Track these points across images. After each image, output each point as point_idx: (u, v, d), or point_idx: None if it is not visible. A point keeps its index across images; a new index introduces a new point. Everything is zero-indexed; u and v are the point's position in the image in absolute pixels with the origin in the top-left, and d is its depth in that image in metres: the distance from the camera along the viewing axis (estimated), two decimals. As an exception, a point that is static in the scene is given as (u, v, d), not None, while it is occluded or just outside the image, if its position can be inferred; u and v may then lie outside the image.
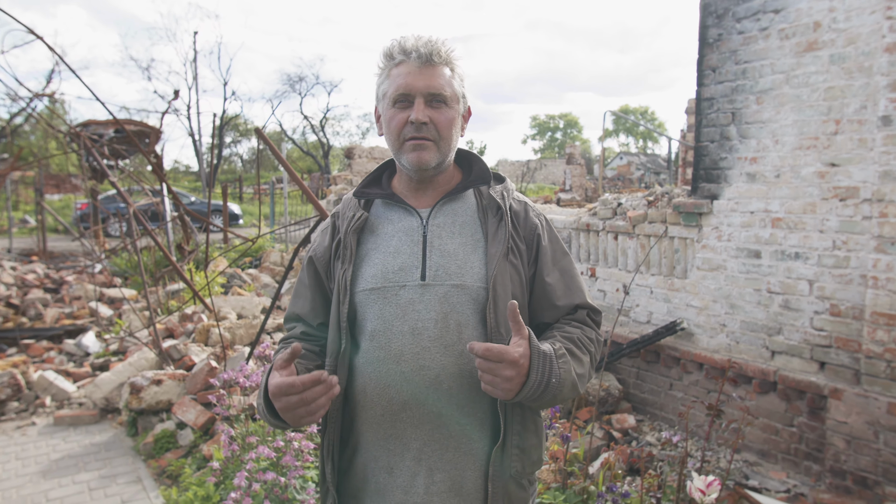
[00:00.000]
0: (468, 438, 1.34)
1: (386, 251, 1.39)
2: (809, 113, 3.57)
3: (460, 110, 1.41)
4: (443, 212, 1.42)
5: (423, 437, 1.33)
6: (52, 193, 27.13)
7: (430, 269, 1.35)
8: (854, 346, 3.41)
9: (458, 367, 1.32)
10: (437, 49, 1.35)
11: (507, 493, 1.34)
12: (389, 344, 1.33)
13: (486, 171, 1.47)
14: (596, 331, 1.46)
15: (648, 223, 4.56)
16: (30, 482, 3.68)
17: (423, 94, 1.34)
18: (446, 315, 1.32)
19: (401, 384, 1.32)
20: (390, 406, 1.33)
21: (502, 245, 1.36)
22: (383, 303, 1.35)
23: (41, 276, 9.66)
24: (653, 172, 34.51)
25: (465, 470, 1.34)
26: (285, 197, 14.19)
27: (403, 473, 1.34)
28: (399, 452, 1.34)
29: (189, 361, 4.80)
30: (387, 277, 1.36)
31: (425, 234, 1.38)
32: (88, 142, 5.97)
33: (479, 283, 1.35)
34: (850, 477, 3.33)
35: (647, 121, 65.26)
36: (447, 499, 1.33)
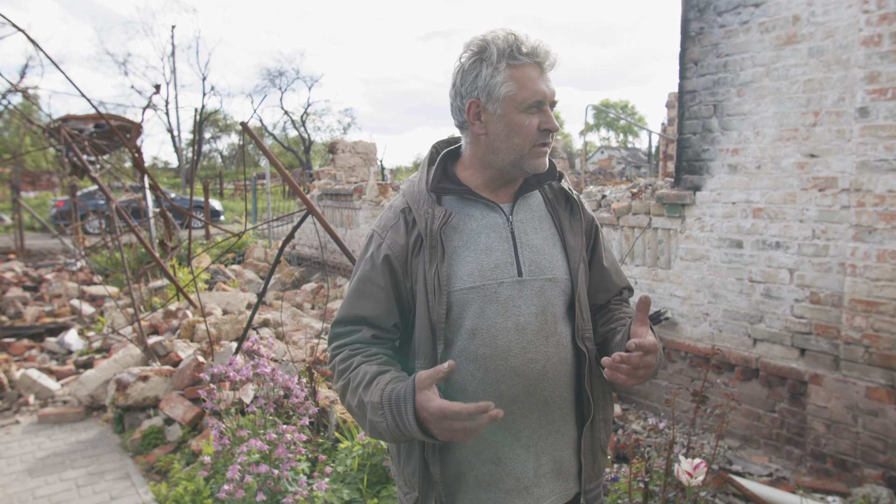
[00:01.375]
0: (565, 420, 1.44)
1: (477, 248, 1.38)
2: (789, 105, 3.64)
3: None
4: (522, 208, 1.46)
5: (532, 425, 1.40)
6: (28, 190, 26.63)
7: (525, 265, 1.40)
8: (833, 333, 3.50)
9: (558, 357, 1.41)
10: (555, 55, 1.38)
11: (595, 462, 1.48)
12: (495, 341, 1.35)
13: (555, 167, 1.51)
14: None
15: (632, 215, 4.62)
16: (16, 480, 3.64)
17: (551, 102, 1.37)
18: (544, 308, 1.40)
19: (511, 378, 1.36)
20: (500, 400, 1.35)
21: (580, 237, 1.47)
22: (483, 301, 1.36)
23: (19, 274, 9.51)
24: (633, 166, 34.80)
25: (564, 450, 1.45)
26: (268, 193, 14.09)
27: (513, 462, 1.39)
28: (508, 444, 1.39)
29: (175, 357, 4.77)
30: (484, 275, 1.37)
31: (512, 230, 1.42)
32: (68, 137, 5.88)
33: (565, 275, 1.44)
34: (831, 460, 3.42)
35: (628, 115, 65.74)
36: (552, 479, 1.43)
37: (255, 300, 6.67)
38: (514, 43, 1.32)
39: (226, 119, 41.25)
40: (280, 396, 3.20)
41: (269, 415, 3.09)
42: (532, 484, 1.40)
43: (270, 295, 7.85)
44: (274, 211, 14.82)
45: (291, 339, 5.41)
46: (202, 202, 15.47)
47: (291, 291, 8.46)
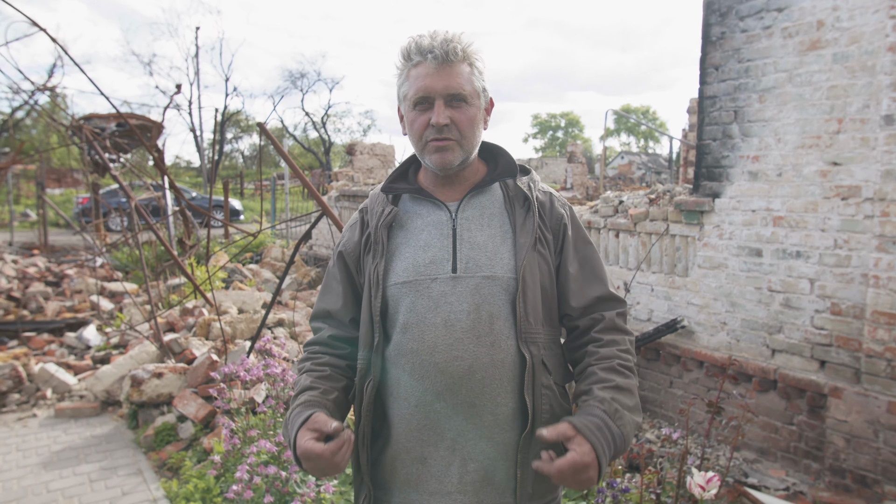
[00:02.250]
0: (500, 428, 1.36)
1: (416, 245, 1.41)
2: (812, 112, 3.57)
3: (482, 105, 1.42)
4: (471, 205, 1.44)
5: (457, 427, 1.35)
6: (53, 188, 27.14)
7: (461, 261, 1.37)
8: (854, 345, 3.42)
9: (490, 358, 1.34)
10: (453, 47, 1.35)
11: (535, 481, 1.36)
12: (423, 336, 1.35)
13: (513, 163, 1.48)
14: (625, 333, 1.44)
15: (650, 221, 4.56)
16: (31, 473, 3.69)
17: (443, 96, 1.35)
18: (478, 306, 1.35)
19: (436, 375, 1.34)
20: (424, 397, 1.35)
21: (531, 235, 1.39)
22: (415, 295, 1.37)
23: (42, 269, 9.67)
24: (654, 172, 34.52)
25: (497, 460, 1.36)
26: (286, 193, 14.19)
27: (437, 463, 1.36)
28: (433, 443, 1.36)
29: (190, 355, 4.81)
30: (418, 270, 1.38)
31: (455, 227, 1.41)
32: (90, 135, 5.97)
33: (508, 273, 1.37)
34: (850, 475, 3.33)
35: (649, 120, 65.23)
36: (480, 489, 1.36)
37: (270, 300, 6.71)
38: (413, 45, 1.37)
39: (247, 120, 41.67)
40: (290, 397, 3.20)
41: (280, 415, 3.09)
42: (456, 490, 1.35)
43: (286, 295, 7.89)
44: (292, 211, 14.93)
45: (305, 339, 5.42)
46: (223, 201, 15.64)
47: (307, 291, 8.50)
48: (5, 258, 9.90)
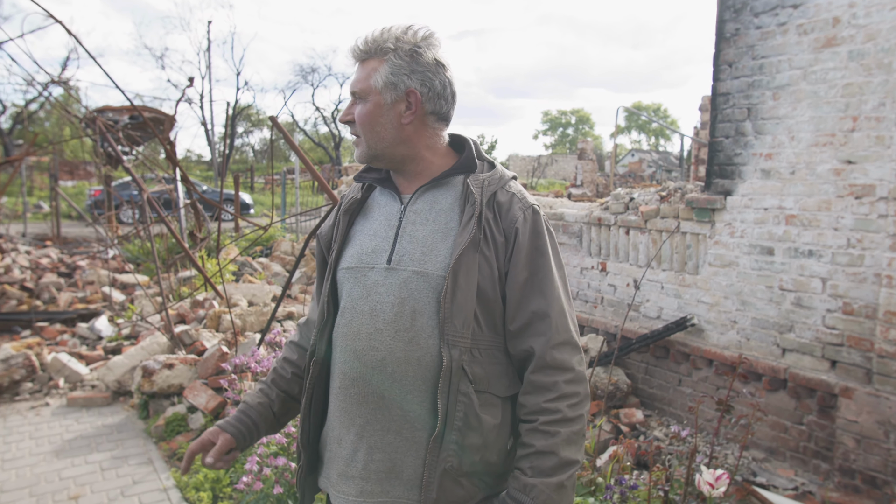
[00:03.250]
0: (410, 425, 1.35)
1: (367, 233, 1.45)
2: (826, 109, 3.54)
3: (385, 100, 1.37)
4: (423, 198, 1.43)
5: (366, 415, 1.37)
6: (66, 180, 27.37)
7: (397, 253, 1.38)
8: (866, 345, 3.40)
9: (405, 353, 1.33)
10: (361, 45, 1.40)
11: (442, 486, 1.31)
12: (351, 322, 1.39)
13: (472, 159, 1.44)
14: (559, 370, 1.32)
15: (661, 218, 4.54)
16: (43, 461, 3.73)
17: (351, 93, 1.42)
18: (403, 300, 1.34)
19: (353, 361, 1.37)
20: (344, 381, 1.39)
21: (470, 234, 1.32)
22: (353, 282, 1.41)
23: (55, 260, 9.76)
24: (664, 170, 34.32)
25: (406, 455, 1.35)
26: (296, 187, 14.24)
27: (348, 446, 1.40)
28: (347, 426, 1.40)
29: (201, 346, 4.85)
30: (361, 259, 1.42)
31: (401, 220, 1.41)
32: (104, 127, 6.01)
33: (440, 271, 1.33)
34: (860, 476, 3.32)
35: (660, 118, 64.85)
36: (384, 479, 1.36)
37: (280, 293, 6.74)
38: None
39: (258, 114, 41.81)
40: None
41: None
42: (360, 475, 1.37)
43: (295, 288, 7.92)
44: (302, 205, 14.98)
45: (314, 333, 5.45)
46: (233, 195, 15.71)
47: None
48: (19, 249, 10.01)
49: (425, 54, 1.38)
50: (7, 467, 3.65)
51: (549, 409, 1.31)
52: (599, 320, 5.02)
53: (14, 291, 7.23)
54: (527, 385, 1.35)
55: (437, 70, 1.39)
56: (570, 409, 1.32)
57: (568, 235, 5.39)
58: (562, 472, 1.29)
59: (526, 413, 1.34)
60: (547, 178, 36.93)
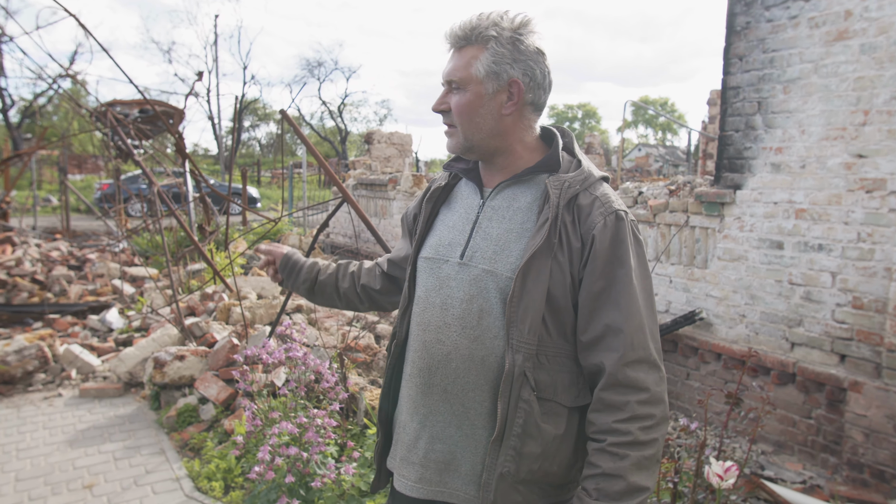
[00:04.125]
0: (470, 423, 1.34)
1: (447, 224, 1.46)
2: (837, 103, 3.53)
3: (486, 90, 1.32)
4: (503, 195, 1.39)
5: (430, 405, 1.39)
6: (74, 173, 27.50)
7: (470, 249, 1.37)
8: (876, 340, 3.40)
9: (469, 351, 1.32)
10: (459, 31, 1.34)
11: (498, 489, 1.29)
12: (424, 312, 1.41)
13: (556, 156, 1.36)
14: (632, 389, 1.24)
15: (669, 212, 4.54)
16: (57, 451, 3.78)
17: (445, 82, 1.37)
18: (472, 298, 1.33)
19: (422, 352, 1.39)
20: (413, 369, 1.42)
21: (543, 238, 1.25)
22: (429, 273, 1.43)
23: (65, 253, 9.82)
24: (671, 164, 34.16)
25: (465, 451, 1.35)
26: (304, 181, 14.27)
27: (411, 433, 1.43)
28: (412, 413, 1.43)
29: (211, 338, 4.88)
30: (438, 250, 1.43)
31: (478, 215, 1.40)
32: (114, 121, 6.05)
33: (509, 272, 1.29)
34: (868, 470, 3.32)
35: (667, 112, 64.53)
36: (444, 470, 1.37)
37: (288, 286, 6.76)
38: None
39: (265, 108, 41.85)
40: (311, 381, 3.25)
41: (301, 398, 3.14)
42: (420, 463, 1.39)
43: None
44: (309, 199, 15.01)
45: (323, 326, 5.48)
46: (240, 189, 15.77)
47: (324, 279, 8.55)
48: (29, 242, 10.08)
49: (526, 42, 1.32)
50: (22, 456, 3.70)
51: (619, 430, 1.22)
52: (607, 314, 5.02)
53: (25, 284, 7.29)
54: (596, 402, 1.27)
55: (537, 58, 1.33)
56: (642, 432, 1.23)
57: (576, 229, 5.38)
58: (629, 498, 1.20)
59: (594, 431, 1.27)
60: (553, 173, 36.70)
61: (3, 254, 8.48)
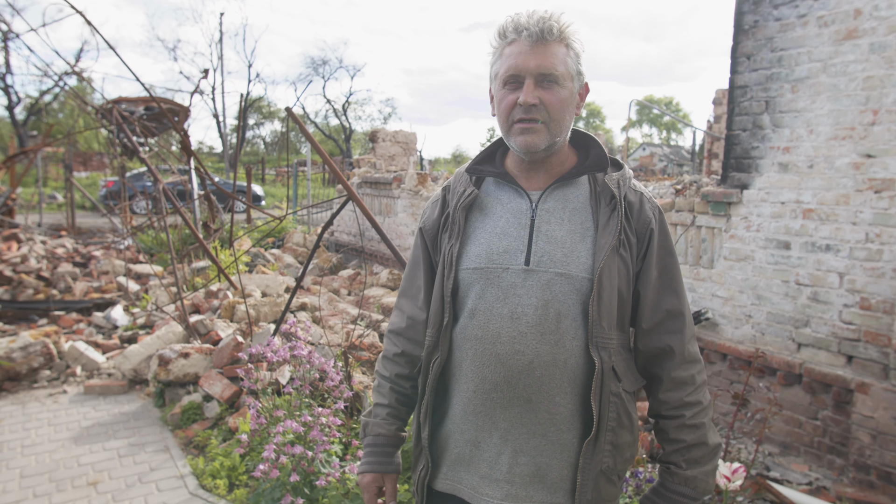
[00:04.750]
0: (556, 428, 1.33)
1: (493, 231, 1.39)
2: (846, 102, 3.51)
3: (574, 89, 1.35)
4: (554, 196, 1.38)
5: (511, 418, 1.34)
6: (79, 171, 27.58)
7: (535, 254, 1.34)
8: (884, 341, 3.37)
9: (552, 356, 1.31)
10: (549, 26, 1.30)
11: (597, 486, 1.32)
12: (488, 324, 1.34)
13: (604, 156, 1.41)
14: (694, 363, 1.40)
15: (676, 212, 4.52)
16: (62, 447, 3.79)
17: (534, 75, 1.30)
18: (547, 303, 1.31)
19: (495, 365, 1.33)
20: (482, 384, 1.35)
21: (613, 236, 1.31)
22: (485, 283, 1.36)
23: (70, 250, 9.85)
24: (676, 164, 34.11)
25: (552, 458, 1.34)
26: (308, 179, 14.28)
27: (490, 449, 1.37)
28: (487, 429, 1.36)
29: (216, 336, 4.89)
30: (491, 258, 1.36)
31: (533, 218, 1.37)
32: (120, 118, 6.06)
33: (584, 273, 1.32)
34: (875, 472, 3.30)
35: (672, 111, 64.35)
36: (530, 483, 1.34)
37: (293, 284, 6.78)
38: (510, 23, 1.33)
39: (269, 106, 41.89)
40: (316, 379, 3.25)
41: (305, 397, 3.14)
42: (505, 479, 1.35)
43: (308, 280, 7.96)
44: (314, 197, 15.02)
45: (328, 324, 5.48)
46: (244, 187, 15.79)
47: (329, 277, 8.57)
48: (35, 238, 10.11)
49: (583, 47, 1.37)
50: (27, 453, 3.71)
51: (692, 402, 1.39)
52: (612, 314, 5.01)
53: (31, 280, 7.31)
54: (667, 382, 1.40)
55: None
56: (705, 398, 1.41)
57: (581, 229, 5.37)
58: (713, 458, 1.40)
59: (668, 409, 1.40)
60: (558, 172, 36.67)
61: (8, 250, 8.51)
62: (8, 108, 24.48)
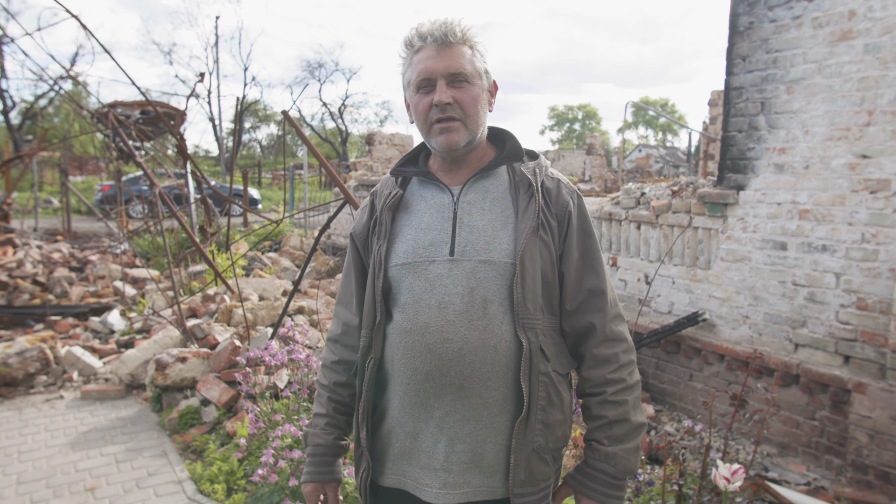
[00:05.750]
0: (490, 412, 1.37)
1: (418, 227, 1.44)
2: (841, 103, 3.52)
3: (484, 86, 1.43)
4: (474, 189, 1.44)
5: (445, 406, 1.37)
6: (75, 175, 27.50)
7: (459, 244, 1.39)
8: (880, 341, 3.38)
9: (481, 341, 1.34)
10: (451, 29, 1.38)
11: (529, 466, 1.36)
12: (417, 316, 1.38)
13: (519, 147, 1.48)
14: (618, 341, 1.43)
15: (672, 213, 4.53)
16: (59, 453, 3.77)
17: (445, 76, 1.37)
18: (473, 290, 1.36)
19: (425, 355, 1.36)
20: (415, 376, 1.38)
21: (532, 220, 1.37)
22: (413, 277, 1.40)
23: (66, 255, 9.82)
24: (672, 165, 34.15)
25: (487, 442, 1.37)
26: (305, 182, 14.26)
27: (427, 439, 1.40)
28: (423, 420, 1.39)
29: (213, 340, 4.87)
30: (417, 253, 1.41)
31: (455, 211, 1.42)
32: (116, 122, 6.04)
33: (507, 258, 1.36)
34: (873, 472, 3.31)
35: (668, 113, 64.51)
36: (467, 469, 1.37)
37: (290, 287, 6.77)
38: (414, 32, 1.41)
39: (265, 109, 41.86)
40: (314, 383, 3.24)
41: (303, 400, 3.13)
42: (442, 468, 1.37)
43: (305, 283, 7.95)
44: (310, 201, 15.01)
45: (325, 328, 5.47)
46: (241, 190, 15.77)
47: (326, 280, 8.56)
48: (31, 243, 10.07)
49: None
50: (24, 459, 3.69)
51: (614, 379, 1.41)
52: (610, 315, 5.01)
53: (27, 285, 7.28)
54: (589, 359, 1.43)
55: None
56: (630, 377, 1.43)
57: (578, 230, 5.38)
58: (636, 436, 1.41)
59: (592, 386, 1.43)
60: (554, 174, 36.70)
61: (4, 255, 8.48)
62: (3, 113, 24.41)
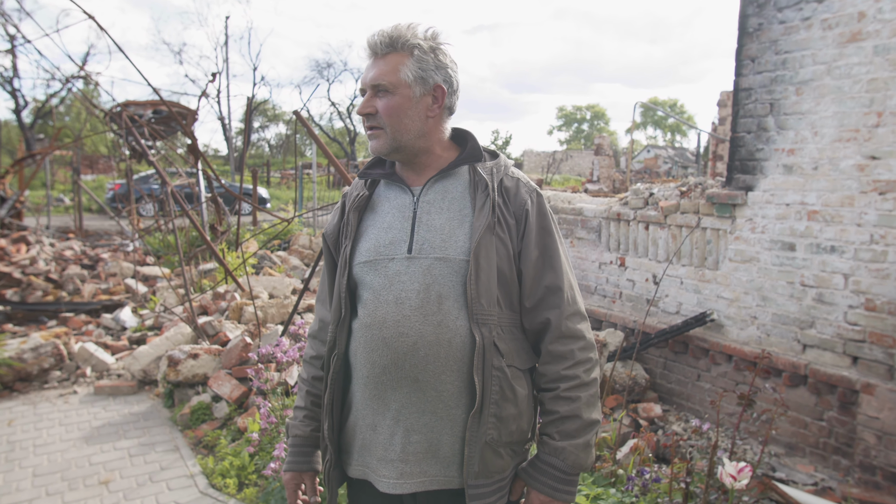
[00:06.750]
0: (445, 404, 1.41)
1: (381, 226, 1.49)
2: (850, 105, 3.53)
3: (414, 93, 1.44)
4: (434, 189, 1.49)
5: (401, 399, 1.42)
6: (86, 173, 27.72)
7: (417, 242, 1.43)
8: (889, 342, 3.39)
9: (436, 336, 1.39)
10: (381, 40, 1.43)
11: (483, 458, 1.39)
12: (376, 311, 1.43)
13: (478, 148, 1.52)
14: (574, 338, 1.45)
15: (681, 213, 4.54)
16: (73, 447, 3.83)
17: (370, 87, 1.44)
18: (428, 286, 1.40)
19: (382, 349, 1.41)
20: (373, 369, 1.43)
21: (486, 218, 1.41)
22: (374, 274, 1.46)
23: (78, 252, 9.92)
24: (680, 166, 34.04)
25: (442, 434, 1.42)
26: (314, 182, 14.33)
27: (384, 431, 1.44)
28: (381, 412, 1.45)
29: (224, 337, 4.93)
30: (378, 251, 1.46)
31: (415, 210, 1.47)
32: (129, 122, 6.11)
33: (462, 255, 1.41)
34: (881, 473, 3.31)
35: (677, 113, 64.25)
36: (423, 459, 1.42)
37: (299, 286, 6.82)
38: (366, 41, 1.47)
39: (274, 109, 42.05)
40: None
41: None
42: (399, 458, 1.41)
43: (315, 281, 8.01)
44: (319, 200, 15.08)
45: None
46: (250, 190, 15.87)
47: (334, 279, 8.59)
48: (43, 241, 10.18)
49: (445, 52, 1.47)
50: (39, 452, 3.76)
51: (568, 375, 1.43)
52: (618, 315, 5.03)
53: (40, 283, 7.37)
54: (545, 355, 1.46)
55: (454, 67, 1.49)
56: (585, 374, 1.45)
57: (586, 230, 5.40)
58: (586, 432, 1.43)
59: (546, 382, 1.46)
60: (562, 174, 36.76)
61: (17, 253, 8.58)
62: (15, 112, 24.65)
